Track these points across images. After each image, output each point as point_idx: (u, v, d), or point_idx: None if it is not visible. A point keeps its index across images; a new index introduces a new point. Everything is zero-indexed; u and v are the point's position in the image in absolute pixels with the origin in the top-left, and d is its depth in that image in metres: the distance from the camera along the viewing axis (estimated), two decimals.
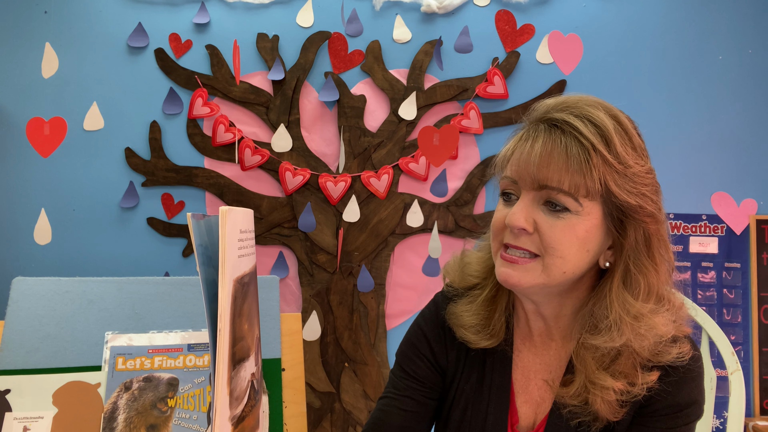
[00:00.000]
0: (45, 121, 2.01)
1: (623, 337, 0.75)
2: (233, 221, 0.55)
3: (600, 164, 0.73)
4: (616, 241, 0.78)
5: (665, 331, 0.77)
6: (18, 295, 1.05)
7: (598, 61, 2.03)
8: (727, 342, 1.16)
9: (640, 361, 0.78)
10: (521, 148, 0.78)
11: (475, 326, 0.87)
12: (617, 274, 0.78)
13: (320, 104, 2.03)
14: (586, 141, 0.73)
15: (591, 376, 0.78)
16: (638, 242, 0.77)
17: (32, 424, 0.95)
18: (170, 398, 0.98)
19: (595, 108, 0.76)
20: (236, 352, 0.55)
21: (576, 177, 0.73)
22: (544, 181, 0.74)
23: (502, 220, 0.80)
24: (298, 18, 2.04)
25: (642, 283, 0.77)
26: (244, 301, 0.57)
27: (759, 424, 1.85)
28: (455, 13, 2.05)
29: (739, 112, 2.03)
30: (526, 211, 0.76)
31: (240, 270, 0.57)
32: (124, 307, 1.06)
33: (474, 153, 2.02)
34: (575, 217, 0.74)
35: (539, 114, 0.80)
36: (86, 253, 2.01)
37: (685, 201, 2.01)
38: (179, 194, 2.02)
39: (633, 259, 0.77)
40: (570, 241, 0.75)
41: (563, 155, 0.73)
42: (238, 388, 0.56)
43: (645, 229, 0.76)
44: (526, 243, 0.77)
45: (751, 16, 2.03)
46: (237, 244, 0.56)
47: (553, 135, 0.75)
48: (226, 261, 0.53)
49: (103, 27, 2.03)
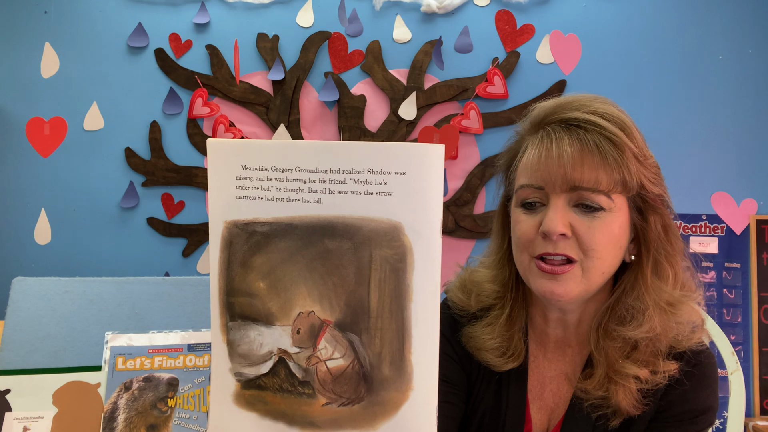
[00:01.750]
0: (45, 121, 2.01)
1: (659, 325, 0.75)
2: (225, 154, 0.50)
3: (632, 158, 0.72)
4: (639, 234, 0.77)
5: (696, 316, 0.77)
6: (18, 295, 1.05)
7: (598, 61, 2.03)
8: (727, 342, 1.16)
9: (661, 348, 0.77)
10: (543, 152, 0.74)
11: (498, 348, 0.84)
12: (647, 264, 0.77)
13: (320, 104, 2.03)
14: (614, 136, 0.72)
15: (614, 365, 0.76)
16: (659, 232, 0.77)
17: (32, 424, 0.95)
18: (170, 398, 0.98)
19: (604, 104, 0.75)
20: (236, 305, 0.52)
21: (614, 173, 0.71)
22: (578, 183, 0.72)
23: (531, 230, 0.75)
24: (298, 18, 2.04)
25: (670, 271, 0.77)
26: (255, 255, 0.51)
27: (759, 424, 1.85)
28: (455, 13, 2.05)
29: (739, 112, 2.03)
30: (562, 214, 0.73)
31: (239, 213, 0.51)
32: (124, 307, 1.06)
33: (474, 153, 2.02)
34: (609, 215, 0.73)
35: (547, 116, 0.77)
36: (86, 253, 2.01)
37: (685, 201, 2.01)
38: (179, 194, 2.02)
39: (658, 248, 0.77)
40: (608, 241, 0.73)
41: (596, 153, 0.71)
42: (245, 346, 0.52)
43: (663, 218, 0.77)
44: (565, 249, 0.73)
45: (751, 16, 2.03)
46: (234, 182, 0.50)
47: (577, 135, 0.73)
48: (214, 199, 0.51)
49: (103, 27, 2.03)
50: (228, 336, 0.52)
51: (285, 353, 0.50)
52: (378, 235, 0.47)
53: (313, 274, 0.49)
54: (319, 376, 0.50)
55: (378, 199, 0.46)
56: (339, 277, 0.48)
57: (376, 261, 0.47)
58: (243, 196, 0.50)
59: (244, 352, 0.52)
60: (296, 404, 0.50)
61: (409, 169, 0.45)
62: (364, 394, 0.49)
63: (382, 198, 0.46)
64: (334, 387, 0.49)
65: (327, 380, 0.49)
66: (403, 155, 0.45)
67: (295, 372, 0.50)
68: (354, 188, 0.47)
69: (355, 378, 0.49)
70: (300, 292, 0.49)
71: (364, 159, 0.46)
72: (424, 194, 0.46)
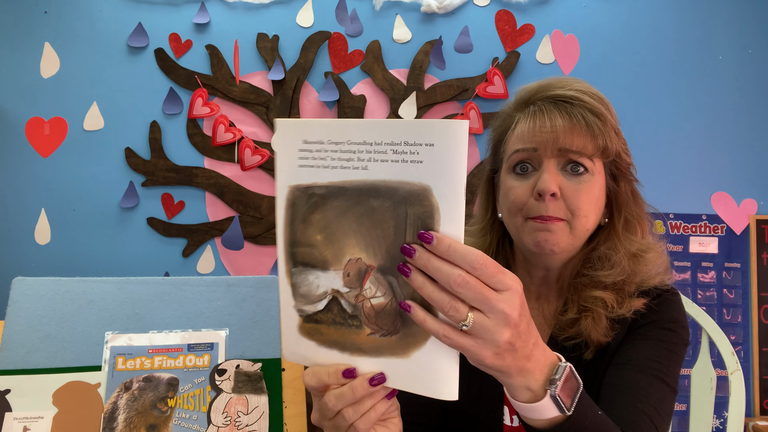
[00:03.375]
0: (45, 121, 2.01)
1: (627, 268, 0.85)
2: (290, 131, 0.62)
3: (611, 129, 0.84)
4: (611, 197, 0.89)
5: (661, 261, 0.89)
6: (18, 295, 1.05)
7: (598, 61, 2.03)
8: (727, 342, 1.16)
9: (628, 290, 0.86)
10: (537, 121, 0.84)
11: None
12: (620, 223, 0.89)
13: (320, 104, 2.03)
14: (596, 110, 0.83)
15: (582, 296, 0.86)
16: (628, 195, 0.89)
17: (32, 424, 0.95)
18: (170, 398, 0.98)
19: (583, 84, 0.87)
20: (298, 254, 0.63)
21: (598, 141, 0.82)
22: (568, 146, 0.82)
23: (525, 193, 0.84)
24: (298, 18, 2.04)
25: (638, 228, 0.90)
26: (314, 212, 0.61)
27: (759, 424, 1.85)
28: (455, 13, 2.05)
29: (739, 112, 2.03)
30: (554, 176, 0.83)
31: (301, 179, 0.61)
32: (124, 307, 1.06)
33: (474, 153, 2.02)
34: (591, 177, 0.84)
35: (536, 94, 0.87)
36: (86, 253, 2.01)
37: (685, 201, 2.01)
38: (179, 194, 2.02)
39: (628, 210, 0.89)
40: (590, 201, 0.84)
41: (583, 123, 0.82)
42: (305, 288, 0.63)
43: (631, 184, 0.90)
44: (555, 211, 0.82)
45: (751, 16, 2.03)
46: (297, 154, 0.61)
47: (565, 108, 0.84)
48: (281, 168, 0.62)
49: (103, 27, 2.03)
50: (292, 279, 0.64)
51: (338, 293, 0.61)
52: (412, 196, 0.56)
53: (361, 227, 0.59)
54: (364, 311, 0.60)
55: (412, 166, 0.55)
56: (381, 230, 0.58)
57: (411, 217, 0.56)
58: (304, 165, 0.61)
59: (304, 292, 0.63)
60: (347, 334, 0.61)
61: (437, 141, 0.54)
62: (399, 327, 0.59)
63: (415, 165, 0.55)
64: (377, 320, 0.59)
65: (371, 314, 0.60)
66: (433, 129, 0.54)
67: (346, 308, 0.61)
68: (393, 157, 0.56)
69: (393, 313, 0.59)
70: (350, 242, 0.60)
71: (402, 133, 0.55)
72: (449, 162, 0.54)
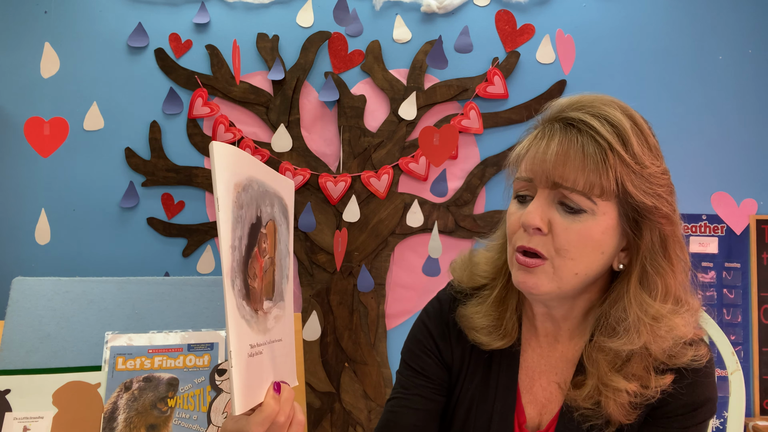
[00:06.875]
0: (45, 121, 2.01)
1: (641, 338, 0.74)
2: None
3: (617, 164, 0.72)
4: (631, 243, 0.77)
5: (685, 332, 0.76)
6: (18, 295, 1.05)
7: (598, 61, 2.03)
8: (727, 342, 1.16)
9: (654, 363, 0.77)
10: (536, 146, 0.76)
11: (487, 327, 0.86)
12: (634, 275, 0.76)
13: (320, 104, 2.03)
14: (602, 140, 0.73)
15: (603, 378, 0.76)
16: (654, 243, 0.76)
17: (32, 424, 0.95)
18: (170, 398, 0.98)
19: (611, 107, 0.76)
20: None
21: (592, 176, 0.72)
22: (558, 180, 0.73)
23: (517, 221, 0.78)
24: (298, 18, 2.04)
25: (660, 284, 0.76)
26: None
27: (759, 424, 1.85)
28: (455, 13, 2.05)
29: (739, 112, 2.03)
30: (542, 209, 0.74)
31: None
32: (124, 307, 1.06)
33: (474, 153, 2.02)
34: (591, 218, 0.73)
35: (553, 113, 0.79)
36: (86, 253, 2.01)
37: (685, 201, 2.01)
38: (179, 194, 2.02)
39: (649, 260, 0.76)
40: (584, 243, 0.73)
41: (579, 154, 0.72)
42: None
43: (660, 230, 0.76)
44: (538, 244, 0.75)
45: (751, 16, 2.03)
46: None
47: (569, 134, 0.74)
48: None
49: (103, 27, 2.03)
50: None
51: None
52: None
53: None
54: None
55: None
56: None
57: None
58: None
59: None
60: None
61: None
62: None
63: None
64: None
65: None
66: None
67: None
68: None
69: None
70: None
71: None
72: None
